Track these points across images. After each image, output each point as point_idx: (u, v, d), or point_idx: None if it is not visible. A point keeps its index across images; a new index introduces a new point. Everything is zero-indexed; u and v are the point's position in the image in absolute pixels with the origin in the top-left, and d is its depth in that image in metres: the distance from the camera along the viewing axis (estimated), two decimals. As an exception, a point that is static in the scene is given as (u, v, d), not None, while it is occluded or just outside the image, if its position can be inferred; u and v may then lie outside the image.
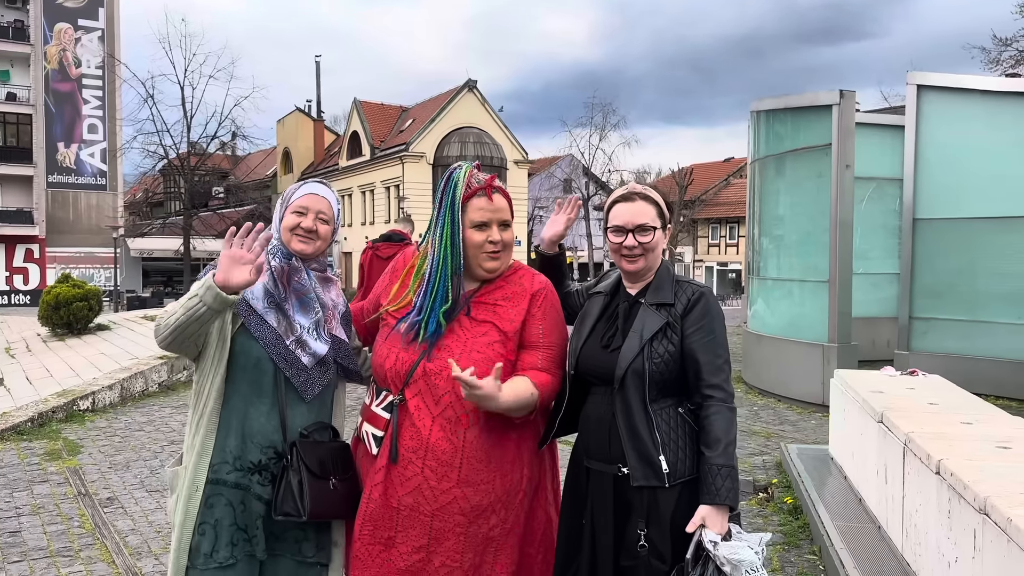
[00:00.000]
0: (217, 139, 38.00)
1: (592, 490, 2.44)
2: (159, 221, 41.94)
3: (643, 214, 2.44)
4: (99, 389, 9.10)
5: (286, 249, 2.48)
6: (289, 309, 2.44)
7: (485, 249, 2.43)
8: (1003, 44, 27.93)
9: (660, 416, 2.32)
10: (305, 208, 2.48)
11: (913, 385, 5.35)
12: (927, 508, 3.56)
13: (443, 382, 2.33)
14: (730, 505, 2.23)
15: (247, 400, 2.40)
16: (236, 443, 2.38)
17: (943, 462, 3.39)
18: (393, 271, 2.65)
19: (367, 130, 41.98)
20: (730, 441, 2.27)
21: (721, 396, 2.30)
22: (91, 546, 4.72)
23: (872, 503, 4.68)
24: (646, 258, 2.44)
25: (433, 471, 2.32)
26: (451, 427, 2.33)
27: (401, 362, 2.40)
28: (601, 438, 2.41)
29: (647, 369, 2.30)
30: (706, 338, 2.34)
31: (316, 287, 2.54)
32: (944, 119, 9.43)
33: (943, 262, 9.47)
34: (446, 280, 2.42)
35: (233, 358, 2.38)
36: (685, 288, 2.42)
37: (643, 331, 2.35)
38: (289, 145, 49.12)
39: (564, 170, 52.21)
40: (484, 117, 39.24)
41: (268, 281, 2.44)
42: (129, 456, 6.92)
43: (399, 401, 2.39)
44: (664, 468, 2.28)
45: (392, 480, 2.36)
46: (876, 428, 4.54)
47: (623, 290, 2.54)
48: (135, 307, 28.49)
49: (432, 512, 2.33)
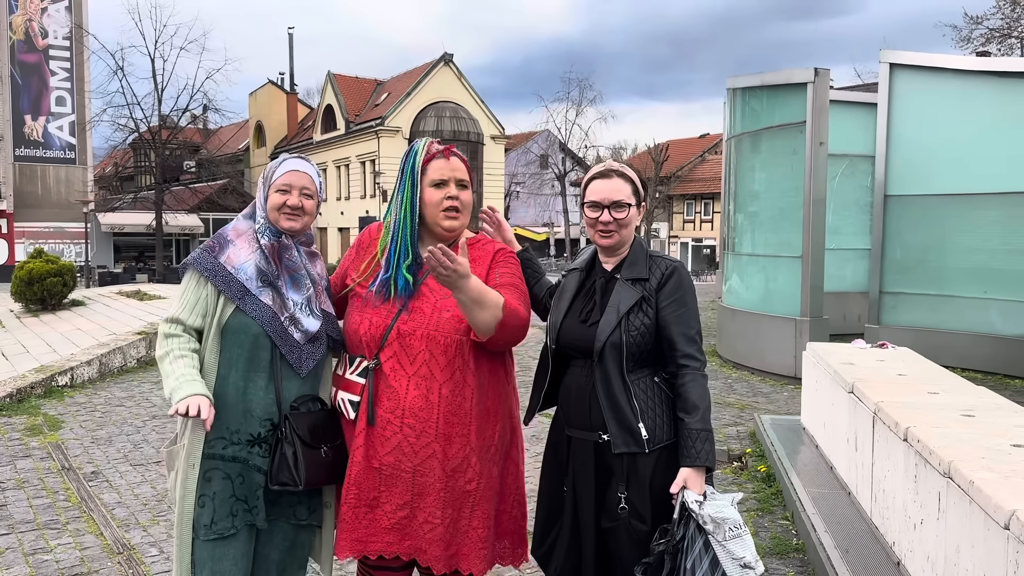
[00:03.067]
0: (189, 112, 37.40)
1: (573, 457, 2.56)
2: (130, 196, 41.24)
3: (619, 191, 2.54)
4: (77, 365, 9.07)
5: (274, 228, 2.55)
6: (282, 286, 2.52)
7: (443, 206, 2.55)
8: (974, 22, 28.24)
9: (638, 386, 2.44)
10: (288, 185, 2.54)
11: (883, 357, 5.52)
12: (895, 473, 3.72)
13: (417, 341, 2.46)
14: (708, 466, 2.37)
15: (246, 376, 2.48)
16: (233, 417, 2.45)
17: (910, 429, 3.54)
18: (359, 246, 2.75)
19: (342, 104, 41.57)
20: (706, 407, 2.41)
21: (695, 365, 2.44)
22: (78, 519, 4.78)
23: (842, 470, 4.85)
24: (620, 233, 2.54)
25: (412, 428, 2.44)
26: (426, 384, 2.45)
27: (375, 327, 2.51)
28: (582, 408, 2.52)
29: (624, 341, 2.43)
30: (679, 310, 2.46)
31: (306, 263, 2.63)
32: (915, 97, 9.60)
33: (912, 238, 9.68)
34: (406, 238, 2.55)
35: (232, 335, 2.47)
36: (659, 263, 2.53)
37: (620, 305, 2.46)
38: (262, 118, 48.54)
39: (541, 145, 52.16)
40: (460, 91, 39.01)
41: (260, 259, 2.51)
42: (111, 431, 6.94)
43: (375, 365, 2.50)
44: (644, 435, 2.40)
45: (372, 442, 2.48)
46: (847, 398, 4.70)
47: (599, 265, 2.64)
48: (107, 283, 28.17)
49: (413, 468, 2.44)
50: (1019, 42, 27.45)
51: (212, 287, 2.48)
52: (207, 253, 2.52)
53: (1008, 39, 27.75)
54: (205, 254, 2.52)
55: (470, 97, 39.42)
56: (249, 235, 2.55)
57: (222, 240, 2.57)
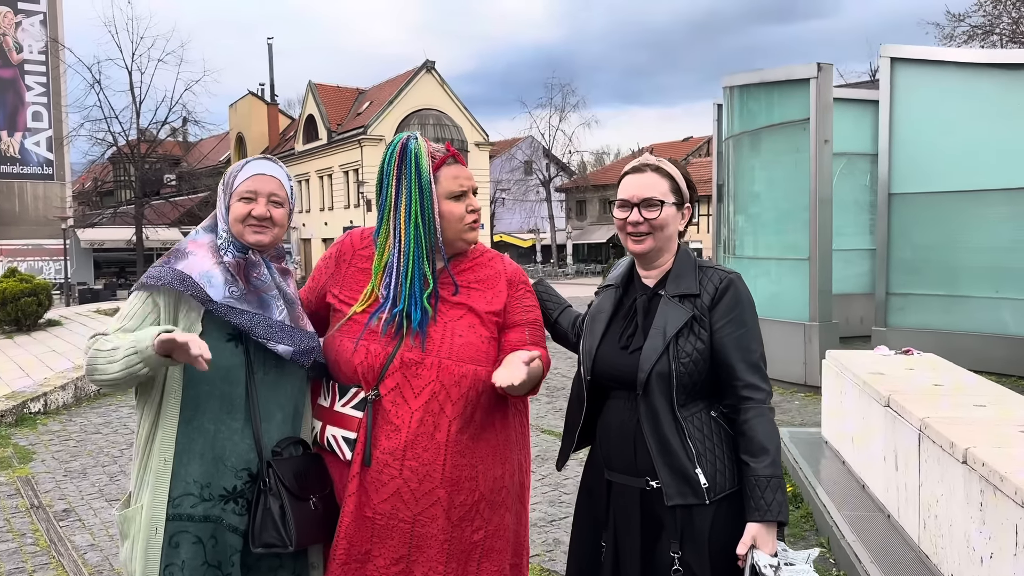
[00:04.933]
0: (168, 125, 36.77)
1: (614, 506, 2.17)
2: (110, 211, 40.54)
3: (651, 187, 2.16)
4: (51, 390, 8.60)
5: (239, 242, 2.16)
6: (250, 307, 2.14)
7: (466, 220, 2.22)
8: (957, 20, 28.19)
9: (691, 423, 2.06)
10: (253, 192, 2.15)
11: (911, 365, 5.18)
12: (952, 499, 3.36)
13: (425, 371, 2.11)
14: (780, 521, 1.98)
15: (216, 419, 2.07)
16: (202, 469, 2.05)
17: (970, 450, 3.19)
18: (338, 258, 2.34)
19: (323, 113, 41.14)
20: (775, 447, 2.03)
21: (759, 397, 2.05)
22: (46, 566, 4.34)
23: (878, 490, 4.50)
24: (654, 237, 2.15)
25: (414, 472, 2.10)
26: (434, 421, 2.11)
27: (373, 355, 2.14)
28: (625, 448, 2.13)
29: (674, 371, 2.04)
30: (738, 331, 2.08)
31: (279, 281, 2.22)
32: (918, 92, 9.32)
33: (919, 237, 9.38)
34: (421, 263, 2.17)
35: (199, 374, 2.01)
36: (711, 275, 2.14)
37: (666, 328, 2.07)
38: (242, 130, 47.97)
39: (525, 152, 51.91)
40: (443, 98, 38.68)
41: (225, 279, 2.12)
42: (86, 462, 6.49)
43: (374, 398, 2.13)
44: (703, 483, 2.01)
45: (366, 487, 2.12)
46: (882, 412, 4.35)
47: (638, 280, 2.24)
48: (87, 300, 27.54)
49: (412, 517, 2.11)
50: (1000, 39, 27.42)
51: (170, 305, 2.07)
52: (163, 264, 2.11)
53: (990, 35, 27.72)
54: (158, 266, 2.11)
55: (453, 104, 39.09)
56: (211, 247, 2.16)
57: (179, 252, 2.16)
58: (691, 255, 2.21)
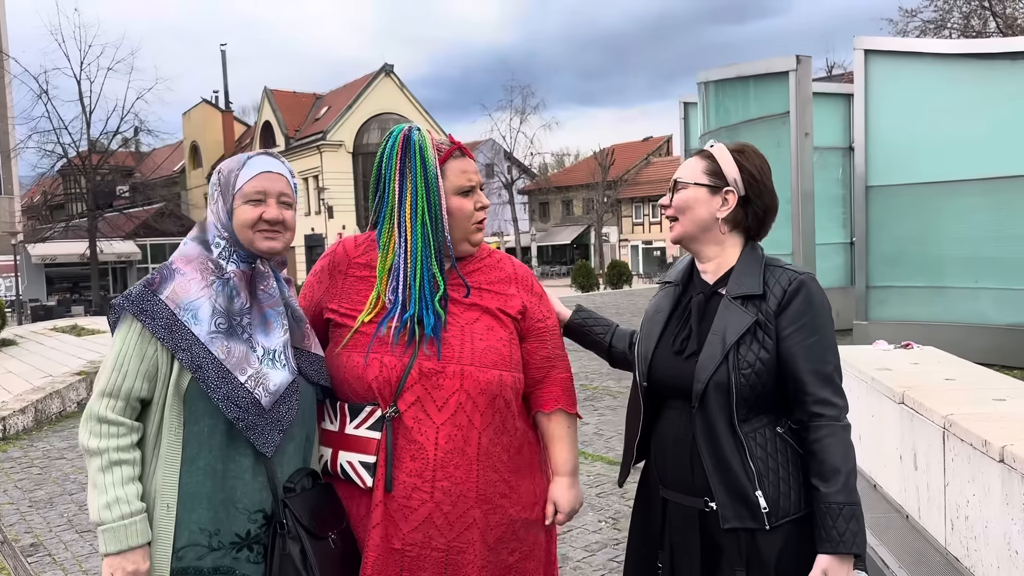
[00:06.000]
0: (119, 135, 35.72)
1: (671, 526, 1.98)
2: (61, 224, 39.31)
3: (683, 169, 2.00)
4: (9, 414, 8.14)
5: (244, 251, 1.92)
6: (251, 330, 1.88)
7: (475, 219, 2.07)
8: (909, 15, 28.68)
9: (754, 439, 1.86)
10: (262, 193, 1.91)
11: (916, 360, 5.08)
12: (988, 500, 3.21)
13: (448, 381, 1.94)
14: (856, 552, 1.79)
15: (225, 457, 1.83)
16: (211, 515, 1.80)
17: (1007, 448, 3.05)
18: (332, 269, 2.12)
19: (280, 119, 40.55)
20: (850, 470, 1.82)
21: (832, 413, 1.84)
22: (16, 608, 4.01)
23: (893, 491, 4.36)
24: (681, 223, 1.98)
25: (446, 493, 1.92)
26: (462, 435, 1.94)
27: (389, 368, 1.93)
28: (681, 465, 1.94)
29: (733, 381, 1.84)
30: (809, 339, 1.85)
31: (288, 295, 1.99)
32: (893, 84, 9.29)
33: (898, 229, 9.36)
34: (429, 263, 1.98)
35: (200, 403, 1.81)
36: (779, 275, 1.92)
37: (725, 333, 1.87)
38: (197, 138, 47.12)
39: (486, 155, 51.66)
40: (403, 102, 38.38)
41: (219, 295, 1.86)
42: (52, 490, 6.10)
43: (393, 415, 1.92)
44: (762, 506, 1.82)
45: (392, 516, 1.91)
46: (896, 410, 4.22)
47: (697, 277, 2.04)
48: (40, 317, 26.68)
49: (447, 544, 1.93)
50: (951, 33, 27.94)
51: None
52: (145, 289, 1.85)
53: (943, 30, 28.24)
54: (143, 290, 1.84)
55: (413, 108, 38.80)
56: (201, 263, 1.90)
57: (166, 271, 1.90)
58: (759, 252, 2.00)
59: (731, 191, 1.95)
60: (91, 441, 1.76)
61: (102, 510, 1.72)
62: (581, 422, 7.57)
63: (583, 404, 8.07)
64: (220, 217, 1.92)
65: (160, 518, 1.78)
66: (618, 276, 28.25)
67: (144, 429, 1.82)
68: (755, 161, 1.96)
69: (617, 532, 4.55)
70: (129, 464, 1.77)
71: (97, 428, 1.77)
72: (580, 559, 4.23)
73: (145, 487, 1.80)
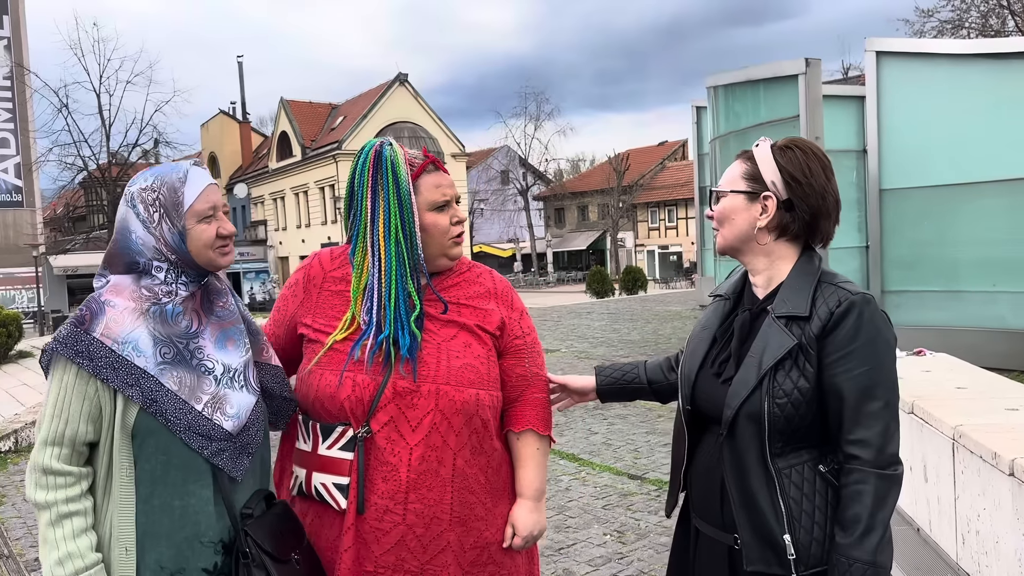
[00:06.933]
0: (139, 147, 36.13)
1: (701, 559, 1.86)
2: (82, 236, 39.81)
3: (726, 175, 1.84)
4: (22, 426, 8.18)
5: (193, 271, 1.80)
6: (205, 351, 1.78)
7: (451, 234, 2.02)
8: (926, 15, 28.40)
9: (788, 477, 1.67)
10: (213, 208, 1.80)
11: (928, 367, 4.97)
12: (999, 514, 3.12)
13: (422, 400, 1.88)
14: None
15: (183, 492, 1.73)
16: (172, 553, 1.71)
17: (1018, 461, 2.95)
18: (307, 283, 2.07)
19: (296, 130, 40.79)
20: (874, 525, 1.60)
21: (868, 456, 1.62)
22: (16, 625, 4.00)
23: (905, 503, 4.26)
24: (722, 235, 1.83)
25: (419, 515, 1.87)
26: (436, 456, 1.88)
27: (362, 387, 1.88)
28: (711, 497, 1.81)
29: (767, 411, 1.66)
30: (856, 370, 1.63)
31: (244, 311, 1.92)
32: (905, 86, 9.20)
33: (913, 232, 9.24)
34: (404, 282, 1.93)
35: (150, 439, 1.70)
36: (828, 295, 1.69)
37: (763, 356, 1.68)
38: (215, 149, 47.49)
39: (501, 161, 51.79)
40: (418, 111, 38.48)
41: (156, 323, 1.74)
42: (59, 504, 6.12)
43: (365, 435, 1.87)
44: (789, 552, 1.64)
45: (364, 538, 1.86)
46: (906, 420, 4.11)
47: (748, 291, 1.87)
48: (61, 328, 26.91)
49: (420, 568, 1.88)
50: (969, 33, 27.64)
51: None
52: (77, 328, 1.71)
53: (960, 30, 27.94)
54: (74, 331, 1.70)
55: (428, 116, 38.88)
56: (132, 291, 1.77)
57: (95, 306, 1.75)
58: (815, 264, 1.77)
59: (770, 196, 1.75)
60: (38, 494, 1.66)
61: (54, 567, 1.63)
62: (591, 432, 7.46)
63: (592, 412, 7.99)
64: (167, 239, 1.77)
65: (119, 562, 1.69)
66: (633, 282, 28.10)
67: (93, 472, 1.72)
68: (800, 159, 1.76)
69: (622, 546, 4.47)
70: (80, 515, 1.67)
71: (43, 480, 1.66)
72: (584, 574, 4.16)
73: (100, 532, 1.70)
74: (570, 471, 6.03)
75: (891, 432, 1.65)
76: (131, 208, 1.80)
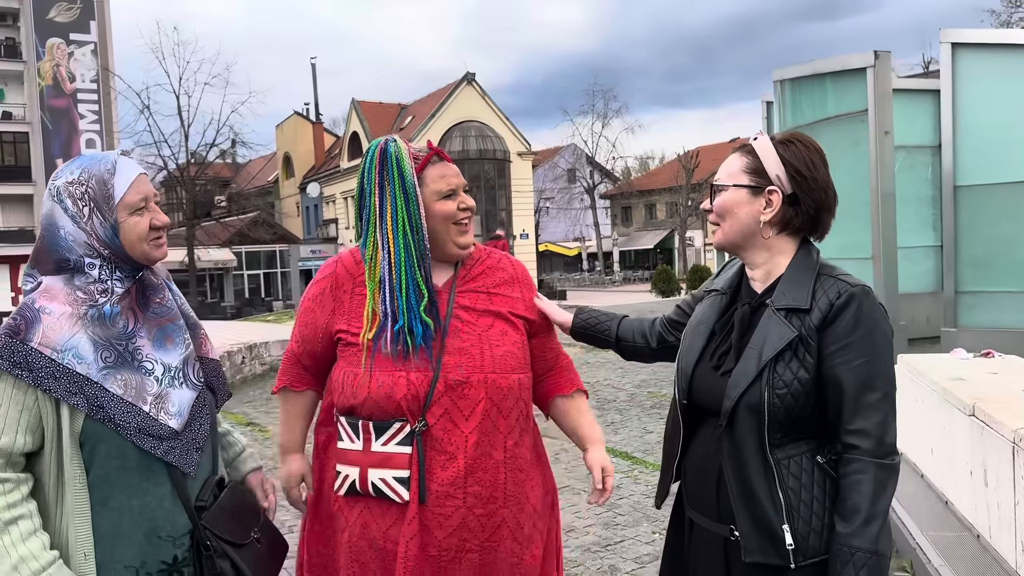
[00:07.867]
0: (216, 147, 37.45)
1: (696, 550, 1.88)
2: (162, 233, 41.45)
3: (724, 168, 1.85)
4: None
5: (128, 265, 1.77)
6: (143, 350, 1.75)
7: (458, 219, 2.08)
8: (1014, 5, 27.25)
9: (787, 467, 1.69)
10: (145, 199, 1.76)
11: (995, 369, 4.78)
12: (1059, 521, 2.99)
13: (473, 390, 1.99)
14: None
15: (141, 491, 1.73)
16: (134, 551, 1.72)
17: (1080, 467, 2.82)
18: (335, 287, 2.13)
19: (367, 130, 41.45)
20: (875, 514, 1.62)
21: (868, 446, 1.64)
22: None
23: (964, 508, 4.11)
24: (723, 229, 1.84)
25: (477, 497, 1.99)
26: (489, 440, 2.01)
27: (415, 385, 1.96)
28: (706, 489, 1.83)
29: (766, 402, 1.68)
30: (855, 361, 1.66)
31: (183, 304, 1.91)
32: (982, 79, 8.81)
33: (989, 230, 8.86)
34: (413, 272, 2.00)
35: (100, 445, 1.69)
36: (828, 287, 1.72)
37: (763, 348, 1.70)
38: (289, 149, 48.67)
39: (568, 160, 51.67)
40: (485, 110, 38.65)
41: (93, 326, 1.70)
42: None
43: (422, 429, 1.96)
44: (788, 542, 1.65)
45: (428, 525, 1.96)
46: (967, 423, 3.98)
47: (746, 286, 1.88)
48: (142, 321, 28.04)
49: (480, 546, 2.00)
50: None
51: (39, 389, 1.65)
52: (12, 339, 1.65)
53: (1051, 20, 26.69)
54: (9, 342, 1.64)
55: (495, 115, 39.02)
56: (67, 295, 1.72)
57: (29, 314, 1.68)
58: (813, 258, 1.79)
59: (775, 190, 1.75)
60: None
61: (11, 574, 1.60)
62: (646, 430, 7.44)
63: (648, 412, 7.95)
64: (98, 234, 1.72)
65: (79, 567, 1.67)
66: (700, 281, 27.65)
67: (40, 482, 1.69)
68: (803, 153, 1.76)
69: (670, 544, 4.44)
70: (26, 518, 1.63)
71: None
72: (629, 571, 4.15)
73: (56, 541, 1.67)
74: (623, 469, 6.00)
75: (889, 422, 1.68)
76: (58, 203, 1.74)
